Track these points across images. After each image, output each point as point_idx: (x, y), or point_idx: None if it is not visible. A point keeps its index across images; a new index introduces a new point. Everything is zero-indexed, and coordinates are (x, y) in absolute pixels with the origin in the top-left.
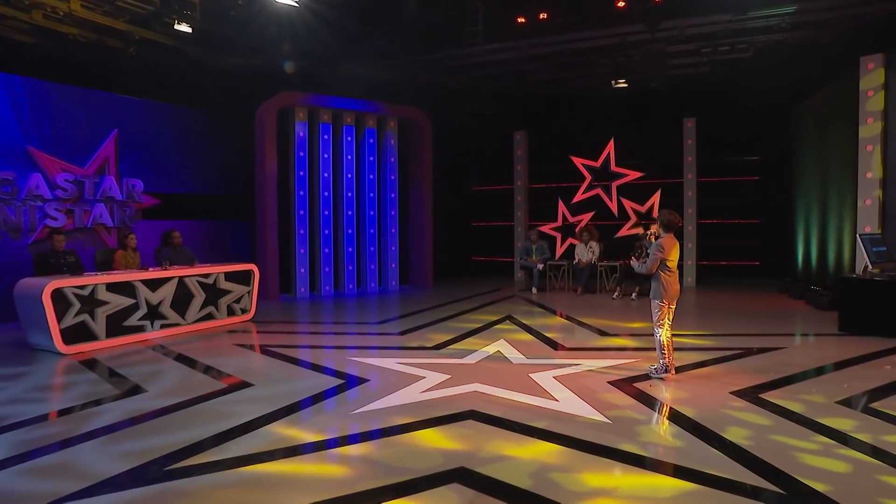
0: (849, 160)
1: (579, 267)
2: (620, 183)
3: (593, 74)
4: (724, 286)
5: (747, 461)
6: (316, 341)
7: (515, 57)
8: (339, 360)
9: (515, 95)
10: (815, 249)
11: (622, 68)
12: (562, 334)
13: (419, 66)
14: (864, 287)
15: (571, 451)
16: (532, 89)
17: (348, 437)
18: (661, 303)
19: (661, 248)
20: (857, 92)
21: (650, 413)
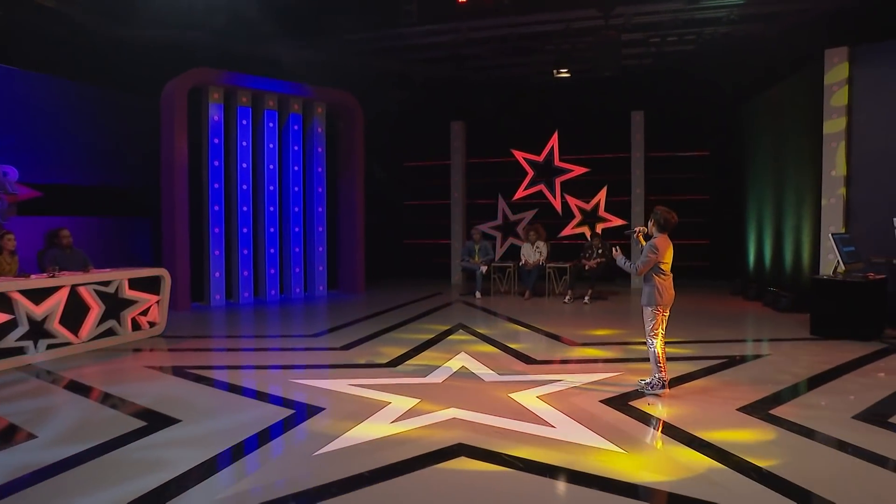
0: (809, 157)
1: (526, 269)
2: (565, 179)
3: (537, 62)
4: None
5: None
6: (246, 359)
7: (453, 40)
8: (281, 384)
9: (452, 82)
10: (770, 249)
11: (567, 56)
12: (526, 345)
13: (349, 46)
14: (837, 289)
15: (601, 495)
16: (471, 76)
17: (320, 489)
18: (654, 310)
19: (655, 250)
20: (818, 86)
21: (664, 439)
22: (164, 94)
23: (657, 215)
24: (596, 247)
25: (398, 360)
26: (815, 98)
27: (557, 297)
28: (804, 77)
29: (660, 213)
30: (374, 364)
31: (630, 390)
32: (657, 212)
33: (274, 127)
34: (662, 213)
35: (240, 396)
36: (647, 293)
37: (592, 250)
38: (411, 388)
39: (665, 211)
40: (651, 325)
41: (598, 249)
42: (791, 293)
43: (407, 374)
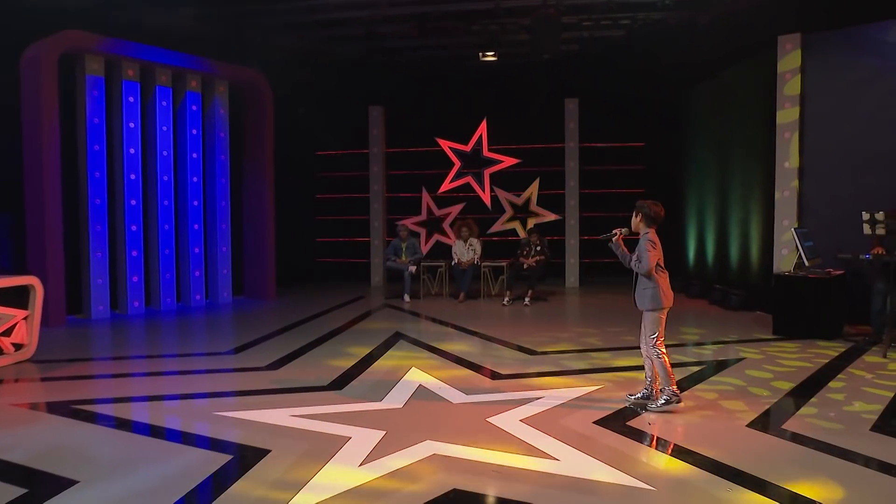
0: (758, 148)
1: (460, 268)
2: (494, 170)
3: (463, 44)
4: (610, 286)
5: None
6: (150, 388)
7: (370, 16)
8: (205, 419)
9: (370, 64)
10: (713, 245)
11: (495, 38)
12: (483, 356)
13: (254, 18)
14: (800, 286)
15: None
16: (391, 58)
17: None
18: (660, 313)
19: (653, 244)
20: (768, 74)
21: (693, 471)
22: (24, 61)
23: (645, 209)
24: (534, 244)
25: (341, 380)
26: (767, 86)
27: (494, 299)
28: (754, 64)
29: (648, 207)
30: (315, 387)
31: (621, 407)
32: (644, 205)
33: (168, 106)
34: (650, 206)
35: (153, 439)
36: (649, 295)
37: (530, 247)
38: (369, 416)
39: (652, 203)
40: (656, 330)
41: (537, 246)
42: (741, 290)
43: (357, 398)
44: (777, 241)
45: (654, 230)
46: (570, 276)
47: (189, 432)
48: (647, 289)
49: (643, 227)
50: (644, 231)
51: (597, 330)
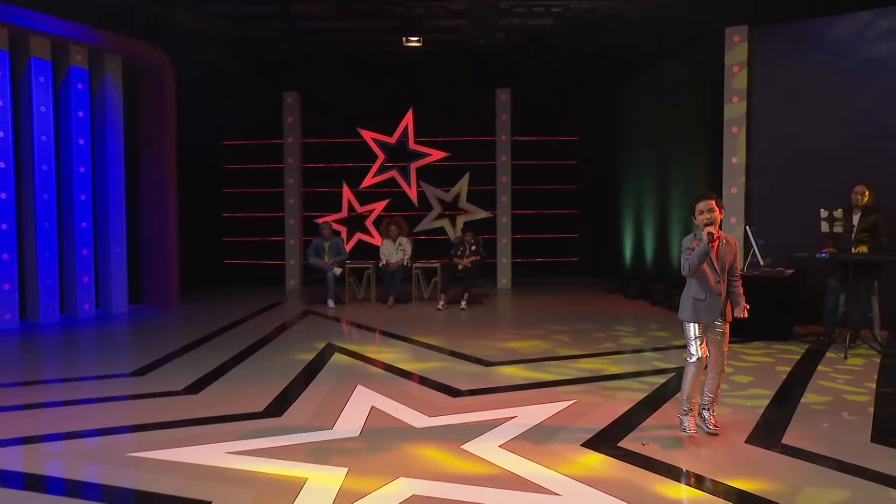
0: (700, 143)
1: (389, 270)
2: (421, 164)
3: (387, 28)
4: (544, 287)
5: None
6: (37, 423)
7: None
8: (117, 463)
9: (285, 46)
10: (653, 244)
11: (421, 22)
12: (433, 370)
13: None
14: (754, 285)
15: None
16: (308, 40)
17: None
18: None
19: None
20: (711, 66)
21: (711, 501)
22: None
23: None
24: (469, 243)
25: (278, 404)
26: (711, 79)
27: (426, 303)
28: (697, 56)
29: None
30: (247, 415)
31: (604, 425)
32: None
33: (47, 83)
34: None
35: (45, 497)
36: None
37: (465, 247)
38: (323, 449)
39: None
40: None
41: (472, 246)
42: None
43: (303, 427)
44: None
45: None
46: (502, 276)
47: (97, 482)
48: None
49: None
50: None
51: (545, 335)
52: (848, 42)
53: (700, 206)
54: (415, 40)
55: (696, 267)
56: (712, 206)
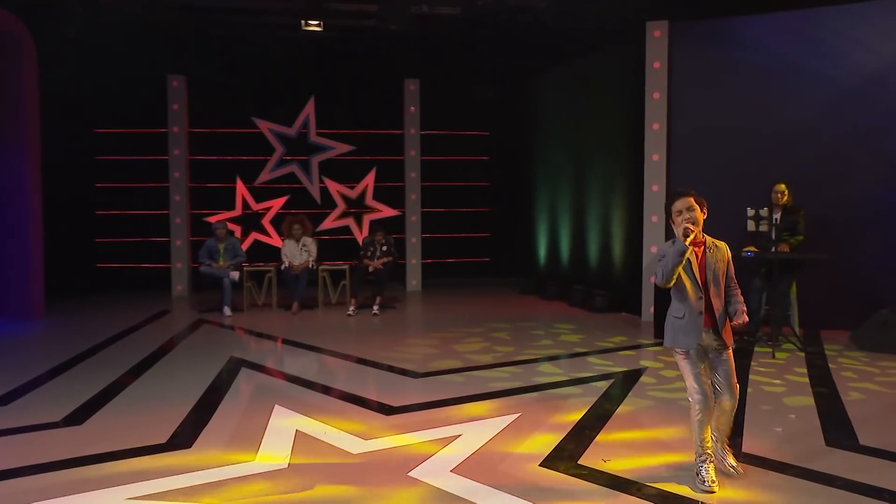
0: (620, 140)
1: (292, 273)
2: (324, 158)
3: (285, 9)
4: (456, 289)
5: None
6: None
7: None
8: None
9: (169, 24)
10: (569, 243)
11: (324, 6)
12: (357, 384)
13: None
14: None
15: None
16: (195, 18)
17: None
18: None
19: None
20: (629, 61)
21: None
22: None
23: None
24: (380, 243)
25: (185, 432)
26: (631, 74)
27: (335, 309)
28: (617, 51)
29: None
30: (151, 446)
31: (557, 441)
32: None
33: None
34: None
35: None
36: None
37: (375, 247)
38: (250, 485)
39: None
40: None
41: (383, 246)
42: (605, 291)
43: (222, 461)
44: (647, 238)
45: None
46: (412, 278)
47: None
48: (727, 320)
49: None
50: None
51: (468, 341)
52: (764, 42)
53: (677, 205)
54: (314, 24)
55: (670, 272)
56: (691, 203)
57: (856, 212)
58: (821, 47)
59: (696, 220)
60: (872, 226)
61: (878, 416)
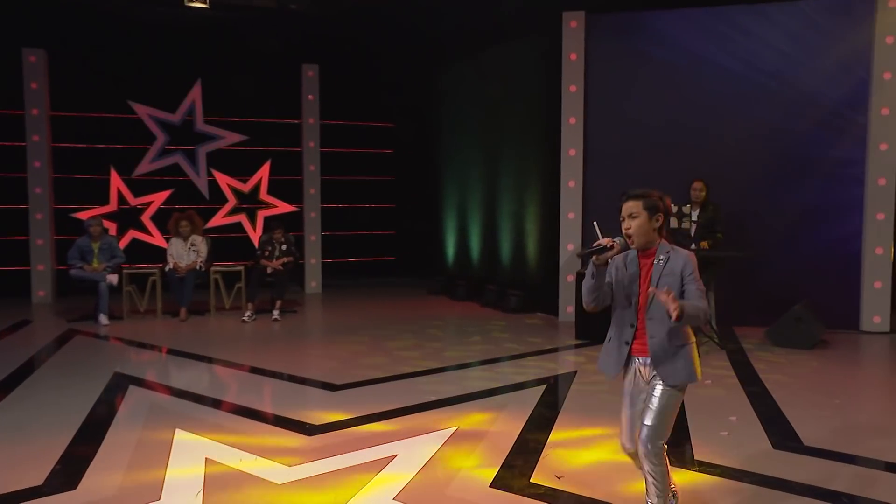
0: (535, 134)
1: (178, 275)
2: (212, 148)
3: None
4: (360, 290)
5: None
6: None
7: None
8: None
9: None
10: (479, 241)
11: None
12: (268, 400)
13: None
14: None
15: None
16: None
17: None
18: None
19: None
20: (545, 52)
21: None
22: None
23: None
24: (278, 241)
25: (68, 470)
26: (548, 66)
27: (228, 314)
28: (531, 41)
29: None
30: (27, 490)
31: (502, 458)
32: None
33: None
34: (663, 198)
35: None
36: (686, 358)
37: (274, 246)
38: None
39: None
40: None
41: (282, 245)
42: (519, 290)
43: (119, 497)
44: (563, 235)
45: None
46: (312, 279)
47: None
48: (682, 347)
49: (654, 237)
50: (659, 243)
51: (385, 346)
52: (680, 38)
53: (622, 210)
54: (199, 1)
55: (584, 293)
56: (634, 208)
57: (767, 210)
58: (731, 45)
59: (640, 229)
60: (784, 224)
61: (811, 415)
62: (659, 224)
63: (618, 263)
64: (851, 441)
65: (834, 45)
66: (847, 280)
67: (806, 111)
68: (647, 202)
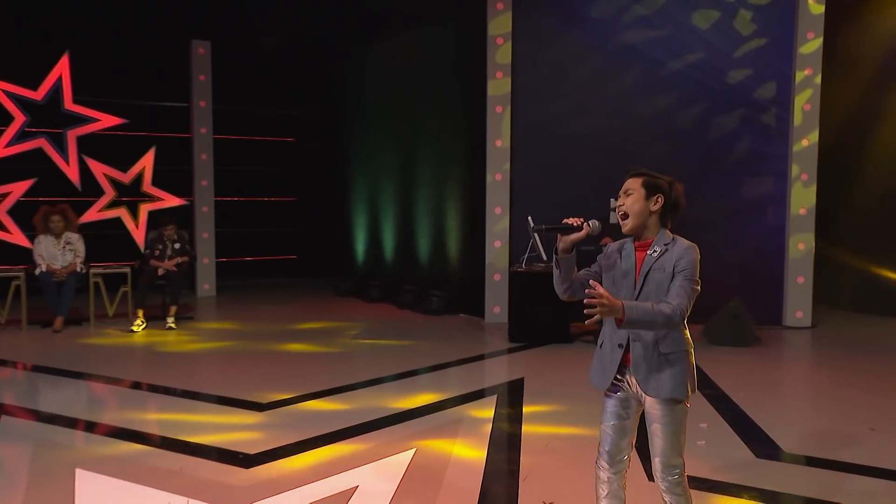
0: (457, 124)
1: (54, 279)
2: (84, 132)
3: None
4: (260, 291)
5: None
6: None
7: None
8: None
9: None
10: (394, 238)
11: None
12: (182, 425)
13: None
14: (534, 283)
15: None
16: None
17: None
18: (686, 402)
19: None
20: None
21: None
22: None
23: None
24: (171, 239)
25: None
26: (472, 51)
27: (112, 323)
28: (456, 24)
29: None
30: None
31: (482, 479)
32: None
33: None
34: (673, 183)
35: None
36: (679, 370)
37: (166, 245)
38: None
39: (671, 180)
40: (683, 439)
41: (175, 243)
42: (442, 291)
43: None
44: (490, 231)
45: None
46: (205, 281)
47: None
48: (670, 355)
49: (652, 224)
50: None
51: (302, 355)
52: (606, 24)
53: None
54: None
55: (555, 283)
56: (630, 185)
57: (693, 204)
58: (659, 34)
59: (634, 208)
60: (709, 219)
61: (779, 418)
62: (658, 207)
63: (612, 255)
64: (827, 447)
65: (759, 40)
66: (771, 275)
67: (731, 105)
68: (647, 180)
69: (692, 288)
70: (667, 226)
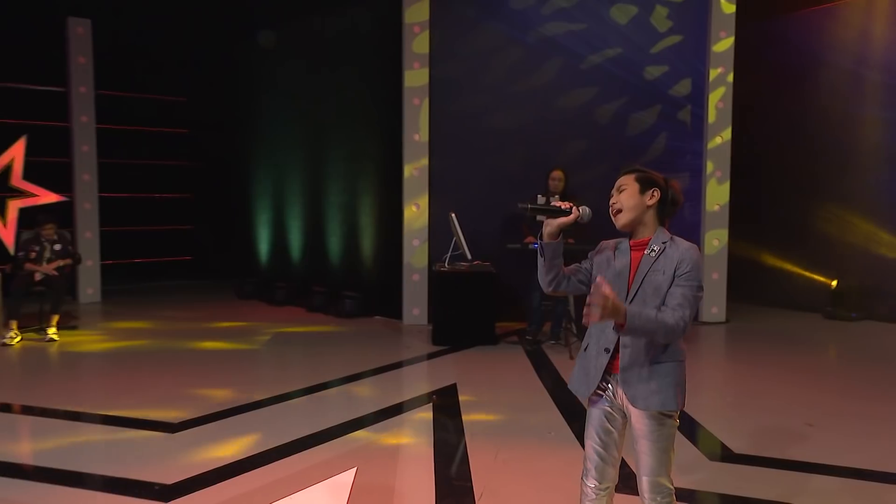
0: (372, 117)
1: None
2: None
3: None
4: (152, 296)
5: None
6: None
7: None
8: None
9: None
10: (302, 238)
11: None
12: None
13: None
14: (456, 283)
15: None
16: None
17: None
18: (676, 417)
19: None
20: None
21: None
22: None
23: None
24: (49, 240)
25: None
26: (388, 40)
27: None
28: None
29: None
30: None
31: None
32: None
33: None
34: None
35: None
36: (671, 381)
37: (44, 246)
38: None
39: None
40: (672, 456)
41: (55, 244)
42: (355, 292)
43: None
44: (408, 229)
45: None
46: (88, 286)
47: None
48: (662, 364)
49: (649, 221)
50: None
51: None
52: (526, 16)
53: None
54: None
55: (539, 274)
56: (623, 182)
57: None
58: (579, 27)
59: (628, 202)
60: None
61: (720, 417)
62: (654, 202)
63: (607, 254)
64: (773, 446)
65: (675, 37)
66: None
67: (649, 101)
68: (641, 175)
69: (695, 295)
70: (664, 224)
